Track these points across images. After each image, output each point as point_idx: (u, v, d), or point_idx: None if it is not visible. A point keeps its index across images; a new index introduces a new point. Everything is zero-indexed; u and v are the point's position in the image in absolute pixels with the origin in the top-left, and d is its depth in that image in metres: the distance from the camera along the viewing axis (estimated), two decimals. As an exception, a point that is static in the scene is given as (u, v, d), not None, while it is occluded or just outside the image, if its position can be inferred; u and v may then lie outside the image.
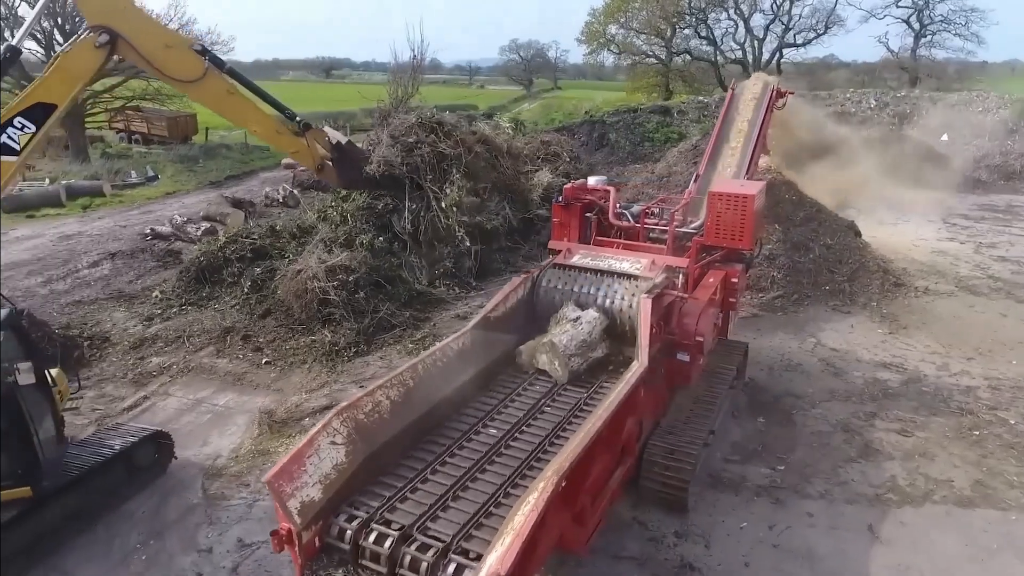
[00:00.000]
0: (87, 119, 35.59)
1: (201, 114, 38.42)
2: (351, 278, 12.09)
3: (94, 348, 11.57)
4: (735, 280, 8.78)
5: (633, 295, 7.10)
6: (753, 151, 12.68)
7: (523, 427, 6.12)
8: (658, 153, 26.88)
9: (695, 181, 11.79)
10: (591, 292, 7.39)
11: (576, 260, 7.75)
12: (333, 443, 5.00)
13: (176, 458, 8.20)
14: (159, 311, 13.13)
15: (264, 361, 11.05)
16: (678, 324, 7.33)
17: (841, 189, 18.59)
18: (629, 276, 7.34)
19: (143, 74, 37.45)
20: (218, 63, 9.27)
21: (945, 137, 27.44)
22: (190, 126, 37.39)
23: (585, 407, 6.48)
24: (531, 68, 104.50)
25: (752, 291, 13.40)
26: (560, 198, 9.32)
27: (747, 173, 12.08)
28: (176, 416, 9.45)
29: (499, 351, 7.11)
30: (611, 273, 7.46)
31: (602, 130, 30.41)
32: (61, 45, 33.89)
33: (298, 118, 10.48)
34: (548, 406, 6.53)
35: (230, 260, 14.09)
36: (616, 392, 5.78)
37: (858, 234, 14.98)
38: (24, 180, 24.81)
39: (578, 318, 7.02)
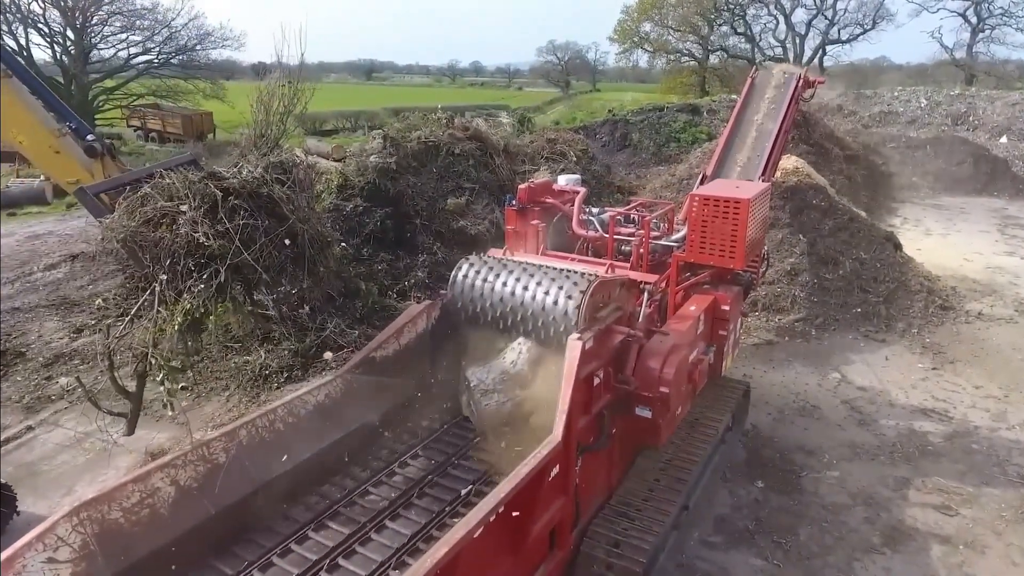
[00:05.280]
0: (97, 116, 35.10)
1: (218, 112, 37.50)
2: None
3: (3, 365, 10.23)
4: (726, 308, 6.88)
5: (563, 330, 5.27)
6: (771, 149, 10.73)
7: (390, 517, 4.35)
8: (685, 154, 24.86)
9: (701, 183, 9.95)
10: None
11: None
12: (51, 561, 3.35)
13: (19, 514, 6.67)
14: (93, 321, 11.76)
15: (180, 386, 9.51)
16: (636, 370, 5.50)
17: None
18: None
19: (154, 71, 37.09)
20: None
21: (1004, 139, 24.86)
22: (206, 124, 36.44)
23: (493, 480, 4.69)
24: (568, 69, 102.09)
25: (769, 312, 11.43)
26: (513, 201, 7.60)
27: (763, 175, 10.20)
28: (52, 454, 7.97)
29: (388, 404, 5.35)
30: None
31: (624, 129, 28.42)
32: (71, 41, 33.43)
33: (91, 137, 7.52)
34: (447, 474, 4.75)
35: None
36: (512, 477, 4.02)
37: (898, 247, 12.82)
38: (17, 177, 24.01)
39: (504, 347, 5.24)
